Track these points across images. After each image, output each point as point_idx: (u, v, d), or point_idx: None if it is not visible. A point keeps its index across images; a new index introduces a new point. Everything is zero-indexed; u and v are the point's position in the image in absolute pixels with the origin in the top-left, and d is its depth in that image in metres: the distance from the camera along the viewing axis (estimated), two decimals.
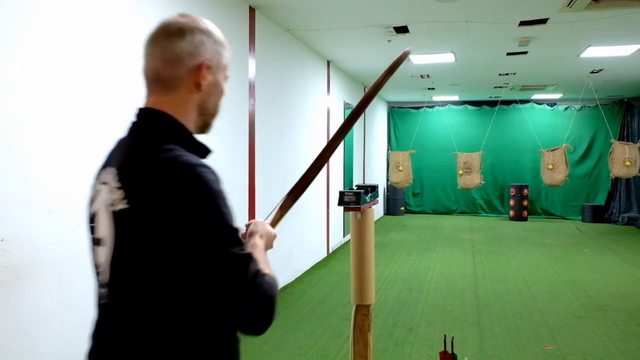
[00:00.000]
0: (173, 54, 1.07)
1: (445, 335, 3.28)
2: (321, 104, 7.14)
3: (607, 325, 4.44)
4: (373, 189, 2.81)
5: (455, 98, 12.10)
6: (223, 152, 4.13)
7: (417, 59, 7.10)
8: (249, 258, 0.98)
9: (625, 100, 11.46)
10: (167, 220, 0.93)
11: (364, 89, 10.16)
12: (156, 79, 1.08)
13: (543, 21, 5.16)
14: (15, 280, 2.23)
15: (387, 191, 12.34)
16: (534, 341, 4.04)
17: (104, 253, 1.02)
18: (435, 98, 11.89)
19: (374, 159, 11.42)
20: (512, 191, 11.61)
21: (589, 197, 11.87)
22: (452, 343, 3.06)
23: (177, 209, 0.93)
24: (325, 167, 7.31)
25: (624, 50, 6.48)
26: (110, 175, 1.03)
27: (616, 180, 11.11)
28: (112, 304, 1.02)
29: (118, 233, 0.99)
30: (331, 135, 7.47)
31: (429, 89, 10.30)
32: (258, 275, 0.98)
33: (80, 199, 2.58)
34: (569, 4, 4.50)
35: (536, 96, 11.58)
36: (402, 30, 5.54)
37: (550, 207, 12.15)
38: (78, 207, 2.57)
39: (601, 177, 11.63)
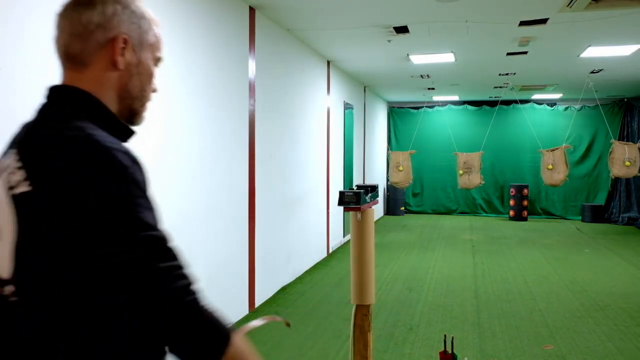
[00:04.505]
0: (80, 26, 0.93)
1: (445, 335, 3.28)
2: (321, 104, 7.14)
3: (607, 325, 4.44)
4: (373, 189, 2.81)
5: (455, 98, 12.10)
6: (223, 152, 4.13)
7: (417, 59, 7.10)
8: (162, 245, 0.84)
9: (625, 100, 11.46)
10: (74, 211, 0.80)
11: (364, 89, 10.17)
12: (67, 55, 0.95)
13: (543, 21, 5.16)
14: None
15: (387, 191, 12.34)
16: (534, 341, 4.04)
17: (3, 245, 0.86)
18: (435, 98, 11.89)
19: (374, 159, 11.42)
20: (512, 191, 11.61)
21: (589, 197, 11.87)
22: (452, 343, 3.06)
23: (84, 198, 0.80)
24: (325, 167, 7.31)
25: (624, 50, 6.48)
26: (11, 158, 0.88)
27: (616, 180, 11.11)
28: (22, 303, 0.85)
29: (21, 219, 0.83)
30: (331, 137, 7.48)
31: (429, 89, 10.30)
32: (187, 289, 0.83)
33: None
34: (569, 4, 4.50)
35: (536, 96, 11.59)
36: (402, 30, 5.54)
37: (550, 207, 12.15)
38: None
39: (601, 177, 11.63)
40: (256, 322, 1.04)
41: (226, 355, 0.85)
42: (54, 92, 0.95)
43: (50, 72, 2.39)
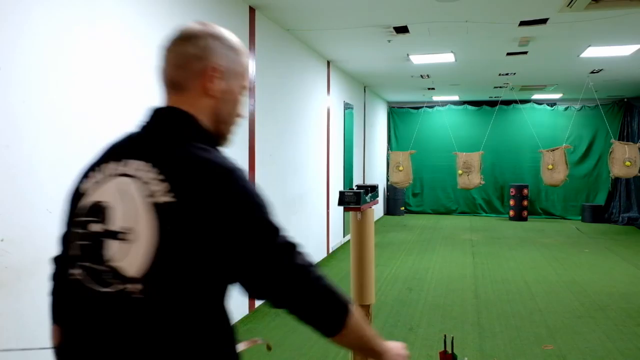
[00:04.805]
0: (182, 58, 1.08)
1: (445, 335, 3.28)
2: (321, 104, 7.14)
3: (607, 325, 4.44)
4: (373, 189, 2.81)
5: (455, 98, 12.10)
6: (223, 152, 4.12)
7: (417, 59, 7.10)
8: (294, 246, 1.03)
9: (625, 100, 11.46)
10: (215, 217, 0.95)
11: (364, 89, 10.17)
12: (169, 84, 1.10)
13: (543, 21, 5.16)
14: (15, 280, 2.23)
15: (387, 191, 12.34)
16: (534, 341, 4.04)
17: (134, 247, 0.96)
18: (435, 98, 11.89)
19: (374, 159, 11.42)
20: (512, 191, 11.61)
21: (589, 197, 11.87)
22: (452, 343, 3.06)
23: (224, 208, 0.96)
24: (325, 167, 7.31)
25: (624, 50, 6.48)
26: (140, 168, 1.00)
27: (616, 180, 11.10)
28: (147, 299, 0.95)
29: (163, 225, 0.95)
30: (331, 137, 7.48)
31: (429, 89, 10.30)
32: (308, 266, 1.03)
33: None
34: (569, 4, 4.50)
35: (536, 96, 11.58)
36: (402, 30, 5.54)
37: (550, 207, 12.15)
38: None
39: (601, 177, 11.63)
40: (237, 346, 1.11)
41: (348, 322, 1.04)
42: (161, 112, 1.09)
43: (51, 72, 2.39)
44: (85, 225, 1.03)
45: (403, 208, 12.38)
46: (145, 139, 1.06)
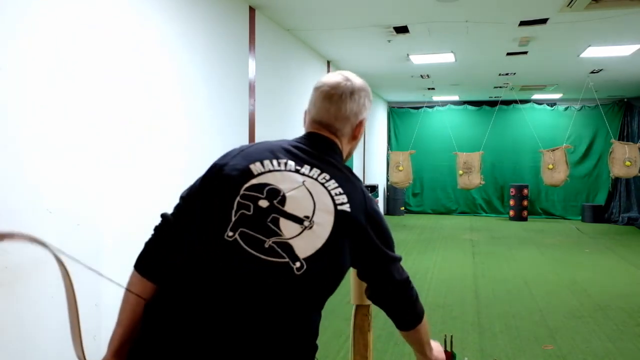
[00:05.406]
0: (345, 113, 1.35)
1: (445, 335, 3.28)
2: None
3: (607, 325, 4.44)
4: (373, 189, 2.81)
5: (455, 98, 12.10)
6: (224, 152, 4.12)
7: (417, 59, 7.10)
8: (401, 259, 1.35)
9: (625, 100, 11.46)
10: (365, 228, 1.25)
11: None
12: (327, 126, 1.36)
13: (543, 21, 5.16)
14: (15, 280, 2.23)
15: (387, 191, 12.34)
16: (534, 341, 4.04)
17: (310, 233, 1.18)
18: (435, 98, 11.88)
19: (374, 159, 11.42)
20: (512, 191, 11.61)
21: (589, 197, 11.87)
22: (451, 342, 3.06)
23: (373, 227, 1.27)
24: None
25: (624, 50, 6.48)
26: (326, 178, 1.26)
27: (616, 180, 11.11)
28: (303, 277, 1.15)
29: (336, 225, 1.20)
30: None
31: (429, 89, 10.29)
32: (407, 278, 1.37)
33: (80, 199, 2.58)
34: (569, 4, 4.50)
35: (536, 96, 11.58)
36: (402, 30, 5.54)
37: (550, 207, 12.15)
38: (78, 207, 2.57)
39: (601, 177, 11.63)
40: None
41: (419, 325, 1.42)
42: (326, 140, 1.36)
43: (53, 71, 2.39)
44: (255, 199, 1.20)
45: (403, 208, 12.38)
46: (314, 152, 1.31)
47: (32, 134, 2.31)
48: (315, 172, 1.26)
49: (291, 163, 1.26)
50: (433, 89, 10.31)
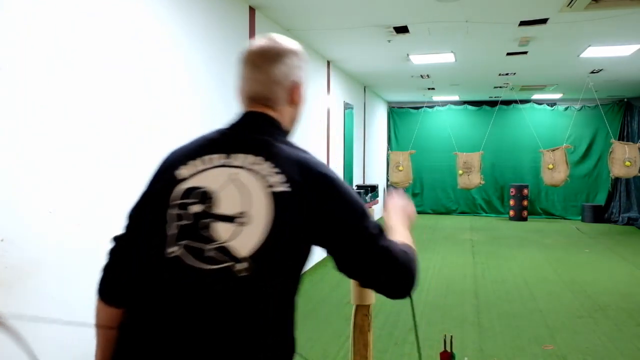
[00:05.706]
0: (274, 77, 1.23)
1: (445, 335, 3.28)
2: (321, 104, 7.14)
3: (607, 325, 4.44)
4: (373, 189, 2.81)
5: (455, 98, 12.09)
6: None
7: (417, 59, 7.10)
8: (381, 229, 1.16)
9: (625, 100, 11.46)
10: (322, 205, 1.11)
11: (364, 89, 10.16)
12: (258, 98, 1.24)
13: (543, 21, 5.16)
14: (15, 280, 2.23)
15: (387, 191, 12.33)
16: (534, 341, 4.04)
17: (247, 229, 1.08)
18: (435, 98, 11.88)
19: (374, 159, 11.42)
20: (512, 191, 11.61)
21: (589, 197, 11.87)
22: (450, 342, 3.06)
23: (324, 195, 1.12)
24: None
25: (624, 50, 6.48)
26: (256, 162, 1.14)
27: (616, 180, 11.10)
28: (253, 276, 1.06)
29: (278, 211, 1.09)
30: (331, 137, 7.48)
31: (429, 89, 10.30)
32: (389, 246, 1.15)
33: (80, 199, 2.58)
34: (569, 4, 4.50)
35: (536, 96, 11.58)
36: (402, 30, 5.54)
37: (550, 207, 12.14)
38: (78, 207, 2.57)
39: (601, 177, 11.62)
40: None
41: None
42: (253, 116, 1.24)
43: (53, 71, 2.39)
44: (185, 206, 1.12)
45: None
46: (245, 136, 1.20)
47: (32, 135, 2.31)
48: (248, 159, 1.15)
49: (219, 157, 1.17)
50: (433, 89, 10.31)
